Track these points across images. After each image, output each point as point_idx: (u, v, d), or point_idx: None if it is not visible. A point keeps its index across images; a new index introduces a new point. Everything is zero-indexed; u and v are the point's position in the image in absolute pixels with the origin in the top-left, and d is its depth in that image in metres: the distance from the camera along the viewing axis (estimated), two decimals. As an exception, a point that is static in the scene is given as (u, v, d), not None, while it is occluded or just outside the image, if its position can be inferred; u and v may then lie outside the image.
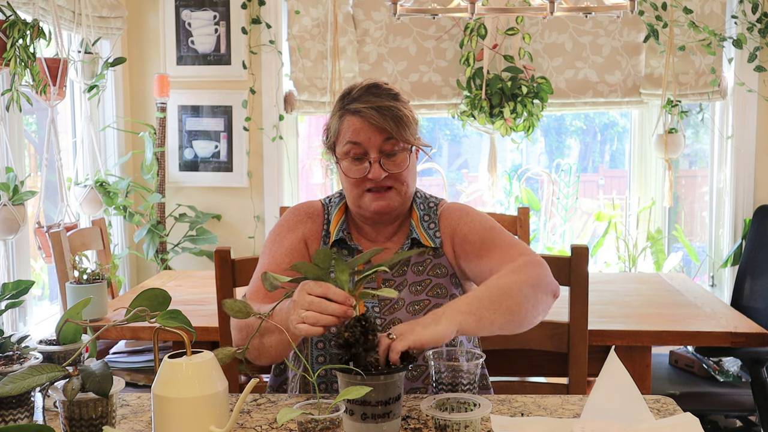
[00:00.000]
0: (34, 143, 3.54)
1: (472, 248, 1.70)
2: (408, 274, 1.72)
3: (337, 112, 1.69)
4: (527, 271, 1.57)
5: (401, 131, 1.64)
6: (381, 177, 1.64)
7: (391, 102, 1.65)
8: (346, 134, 1.66)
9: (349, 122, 1.66)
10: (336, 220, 1.76)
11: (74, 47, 3.35)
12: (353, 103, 1.66)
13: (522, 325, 1.55)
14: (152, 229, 3.69)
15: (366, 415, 1.32)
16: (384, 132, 1.63)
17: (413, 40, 3.85)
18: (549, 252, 4.16)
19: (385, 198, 1.67)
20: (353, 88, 1.69)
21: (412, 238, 1.74)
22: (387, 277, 1.72)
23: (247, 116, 3.85)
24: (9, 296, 1.46)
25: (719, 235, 3.88)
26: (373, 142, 1.64)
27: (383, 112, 1.63)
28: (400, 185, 1.68)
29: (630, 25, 3.78)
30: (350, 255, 1.74)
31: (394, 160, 1.66)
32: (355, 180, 1.67)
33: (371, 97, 1.65)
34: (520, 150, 4.41)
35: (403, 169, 1.67)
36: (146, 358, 2.86)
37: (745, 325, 2.43)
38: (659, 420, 1.39)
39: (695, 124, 4.07)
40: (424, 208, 1.79)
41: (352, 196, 1.70)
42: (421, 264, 1.74)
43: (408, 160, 1.67)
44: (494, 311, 1.48)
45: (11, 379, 1.24)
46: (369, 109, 1.63)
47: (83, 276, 2.44)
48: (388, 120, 1.62)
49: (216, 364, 1.28)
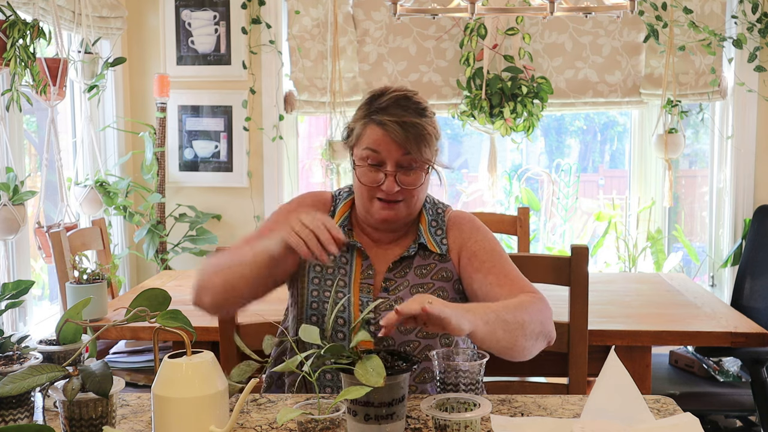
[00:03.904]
0: (34, 143, 3.54)
1: (481, 266, 1.71)
2: (410, 275, 1.72)
3: (363, 117, 1.69)
4: (540, 312, 1.61)
5: (421, 150, 1.65)
6: (394, 191, 1.66)
7: (417, 119, 1.65)
8: (367, 141, 1.67)
9: (371, 131, 1.66)
10: (340, 214, 1.77)
11: (74, 47, 3.35)
12: (379, 113, 1.65)
13: (511, 356, 1.58)
14: (152, 229, 3.69)
15: (369, 416, 1.31)
16: (403, 148, 1.64)
17: (413, 40, 3.85)
18: (549, 252, 4.16)
19: (394, 209, 1.69)
20: (383, 93, 1.69)
21: (420, 243, 1.74)
22: (388, 276, 1.71)
23: (247, 116, 3.85)
24: (9, 296, 1.46)
25: (719, 235, 3.88)
26: (392, 154, 1.65)
27: (407, 129, 1.63)
28: (410, 199, 1.69)
29: (630, 25, 3.78)
30: (348, 251, 1.74)
31: (410, 176, 1.67)
32: (368, 187, 1.68)
33: (398, 110, 1.65)
34: (520, 150, 4.41)
35: (417, 187, 1.68)
36: (146, 358, 2.86)
37: (745, 325, 2.43)
38: (659, 420, 1.39)
39: (695, 124, 4.07)
40: (432, 213, 1.79)
41: (362, 200, 1.71)
42: (425, 267, 1.73)
43: (423, 179, 1.69)
44: (504, 333, 1.52)
45: (11, 379, 1.24)
46: (393, 124, 1.63)
47: (83, 276, 2.44)
48: (410, 137, 1.63)
49: (216, 364, 1.28)
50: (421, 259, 1.74)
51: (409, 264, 1.73)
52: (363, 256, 1.73)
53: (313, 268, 1.73)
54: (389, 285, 1.71)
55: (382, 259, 1.74)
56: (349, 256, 1.73)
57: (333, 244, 1.46)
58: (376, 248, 1.75)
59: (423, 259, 1.74)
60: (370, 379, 1.23)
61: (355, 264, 1.72)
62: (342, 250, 1.73)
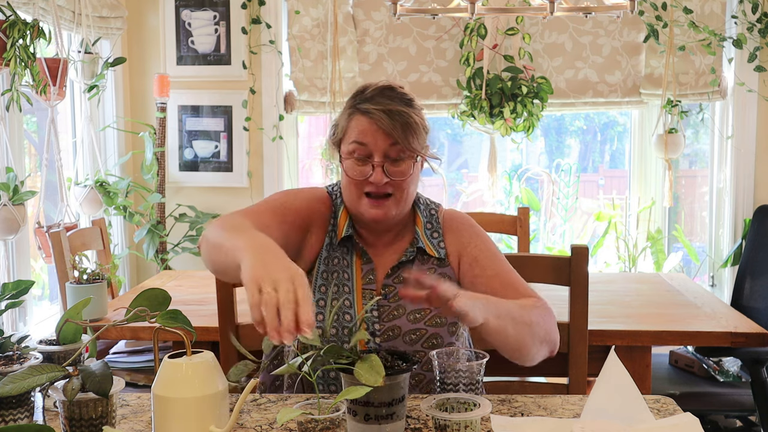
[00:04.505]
0: (34, 143, 3.54)
1: (483, 272, 1.70)
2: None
3: (348, 109, 1.67)
4: (544, 318, 1.61)
5: (408, 138, 1.62)
6: (382, 182, 1.62)
7: (403, 107, 1.63)
8: (353, 133, 1.64)
9: (357, 122, 1.64)
10: (345, 215, 1.72)
11: (74, 47, 3.35)
12: (365, 103, 1.63)
13: (518, 357, 1.58)
14: (152, 229, 3.69)
15: (369, 416, 1.31)
16: (390, 137, 1.61)
17: (413, 40, 3.85)
18: (549, 252, 4.16)
19: (383, 207, 1.65)
20: (367, 87, 1.67)
21: (418, 247, 1.72)
22: (387, 283, 1.70)
23: (247, 116, 3.85)
24: (9, 296, 1.46)
25: (719, 235, 3.88)
26: (378, 145, 1.62)
27: (393, 117, 1.60)
28: (400, 193, 1.65)
29: (630, 25, 3.78)
30: (356, 252, 1.71)
31: (398, 167, 1.63)
32: (356, 181, 1.65)
33: (384, 100, 1.63)
34: (520, 150, 4.41)
35: (406, 178, 1.64)
36: (146, 358, 2.86)
37: (745, 325, 2.43)
38: (659, 420, 1.39)
39: (695, 124, 4.07)
40: (426, 214, 1.77)
41: (351, 196, 1.68)
42: (424, 272, 1.70)
43: (412, 169, 1.65)
44: (514, 330, 1.52)
45: (11, 379, 1.24)
46: (379, 112, 1.60)
47: (83, 276, 2.44)
48: (396, 125, 1.60)
49: (216, 364, 1.28)
50: (419, 264, 1.72)
51: (408, 269, 1.71)
52: (363, 259, 1.71)
53: (321, 275, 1.70)
54: (389, 291, 1.69)
55: (381, 262, 1.72)
56: (349, 258, 1.72)
57: (291, 335, 1.20)
58: (373, 249, 1.73)
59: (421, 263, 1.72)
60: (369, 379, 1.23)
61: (356, 267, 1.70)
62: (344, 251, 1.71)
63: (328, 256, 1.71)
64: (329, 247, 1.71)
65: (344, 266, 1.70)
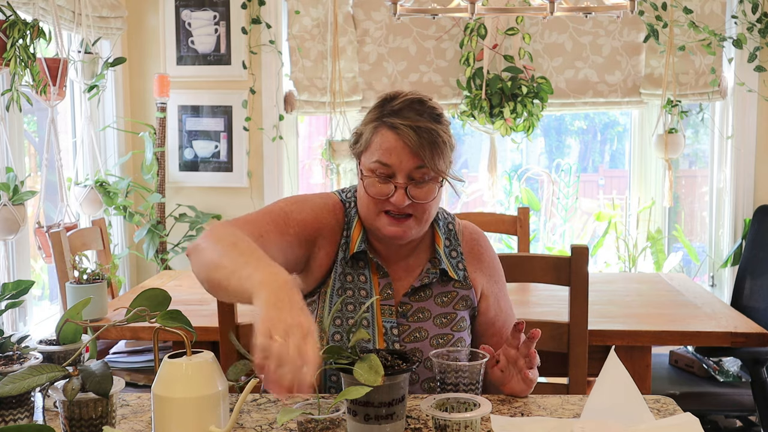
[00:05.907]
0: (34, 143, 3.54)
1: (499, 313, 1.73)
2: (428, 302, 1.65)
3: (373, 120, 1.57)
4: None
5: (435, 160, 1.53)
6: (403, 204, 1.54)
7: (432, 124, 1.54)
8: (377, 151, 1.55)
9: (382, 137, 1.54)
10: (359, 229, 1.64)
11: (74, 47, 3.35)
12: (392, 116, 1.54)
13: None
14: (152, 229, 3.69)
15: (369, 416, 1.31)
16: (417, 158, 1.52)
17: (413, 40, 3.85)
18: (549, 252, 4.16)
19: (402, 225, 1.57)
20: (396, 97, 1.57)
21: (441, 269, 1.65)
22: (404, 301, 1.64)
23: (247, 116, 3.85)
24: (9, 296, 1.46)
25: (719, 235, 3.88)
26: (403, 166, 1.53)
27: (421, 135, 1.52)
28: (421, 214, 1.57)
29: (630, 25, 3.78)
30: (369, 267, 1.64)
31: (421, 189, 1.55)
32: (375, 199, 1.56)
33: (412, 114, 1.53)
34: (520, 150, 4.41)
35: (429, 201, 1.57)
36: (146, 358, 2.86)
37: (745, 325, 2.43)
38: (659, 420, 1.39)
39: (695, 124, 4.07)
40: (444, 230, 1.70)
41: (368, 212, 1.59)
42: (446, 294, 1.66)
43: (435, 192, 1.57)
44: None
45: (11, 379, 1.24)
46: (407, 128, 1.52)
47: (83, 276, 2.44)
48: (424, 144, 1.52)
49: (216, 364, 1.28)
50: (441, 286, 1.66)
51: (428, 290, 1.65)
52: (379, 273, 1.64)
53: (336, 291, 1.62)
54: (406, 309, 1.63)
55: (398, 277, 1.66)
56: (367, 273, 1.63)
57: (287, 392, 1.15)
58: (387, 263, 1.65)
59: (443, 285, 1.66)
60: (369, 379, 1.23)
61: (373, 283, 1.63)
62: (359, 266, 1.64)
63: (342, 271, 1.63)
64: (343, 263, 1.63)
65: (361, 283, 1.63)
